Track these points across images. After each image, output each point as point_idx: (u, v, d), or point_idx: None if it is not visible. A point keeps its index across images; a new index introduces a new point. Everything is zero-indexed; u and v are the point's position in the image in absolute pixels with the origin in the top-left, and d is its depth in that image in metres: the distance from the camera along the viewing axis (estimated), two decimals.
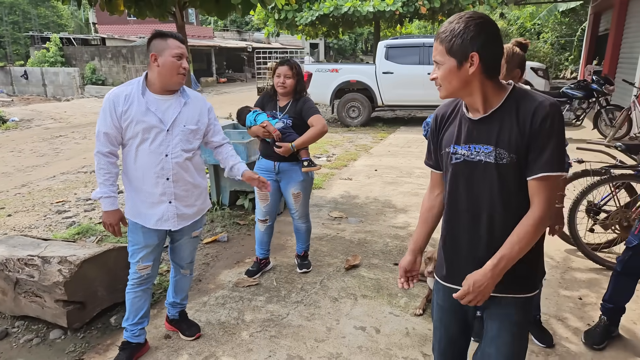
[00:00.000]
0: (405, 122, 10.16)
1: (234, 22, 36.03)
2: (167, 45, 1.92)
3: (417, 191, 4.90)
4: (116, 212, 2.00)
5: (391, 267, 3.18)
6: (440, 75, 1.24)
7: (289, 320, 2.54)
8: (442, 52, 1.22)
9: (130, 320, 2.17)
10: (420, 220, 1.52)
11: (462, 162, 1.31)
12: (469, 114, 1.30)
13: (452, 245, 1.40)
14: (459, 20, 1.20)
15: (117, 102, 1.95)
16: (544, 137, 1.20)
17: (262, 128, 2.69)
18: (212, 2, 3.99)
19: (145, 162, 2.00)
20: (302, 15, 11.54)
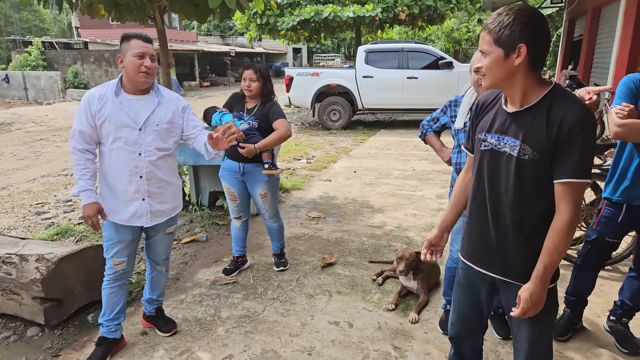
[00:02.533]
0: (385, 125, 10.33)
1: (217, 27, 36.00)
2: (129, 46, 1.99)
3: (394, 192, 5.03)
4: (94, 205, 2.03)
5: (366, 264, 3.29)
6: (485, 65, 1.28)
7: (265, 316, 2.62)
8: (489, 42, 1.26)
9: (106, 316, 2.21)
10: (452, 200, 1.61)
11: (489, 150, 1.37)
12: (506, 106, 1.36)
13: (474, 227, 1.48)
14: (508, 12, 1.23)
15: (91, 102, 2.02)
16: (571, 143, 1.22)
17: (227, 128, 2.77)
18: (191, 6, 4.06)
19: (119, 160, 2.05)
20: (283, 20, 11.67)
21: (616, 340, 2.32)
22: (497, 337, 2.38)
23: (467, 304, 1.60)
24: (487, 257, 1.46)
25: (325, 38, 15.14)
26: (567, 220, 1.27)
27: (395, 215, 4.28)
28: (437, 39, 23.94)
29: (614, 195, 2.12)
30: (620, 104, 1.99)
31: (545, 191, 1.31)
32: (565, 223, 1.27)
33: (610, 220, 2.15)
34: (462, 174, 1.60)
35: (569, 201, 1.27)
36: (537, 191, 1.32)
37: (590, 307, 2.57)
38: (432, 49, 9.33)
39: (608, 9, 9.05)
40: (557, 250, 1.29)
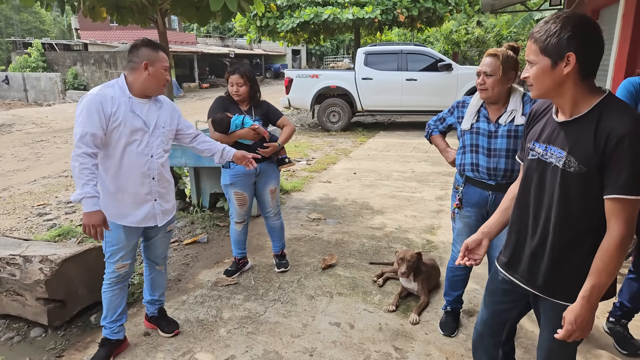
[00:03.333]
0: (384, 126, 10.37)
1: (217, 29, 36.04)
2: (159, 57, 2.06)
3: (394, 193, 5.05)
4: (99, 213, 1.92)
5: (366, 266, 3.31)
6: (532, 75, 1.25)
7: (266, 317, 2.64)
8: (535, 51, 1.22)
9: (108, 318, 2.23)
10: (500, 207, 1.55)
11: (537, 160, 1.34)
12: (556, 116, 1.32)
13: (512, 236, 1.45)
14: (555, 20, 1.20)
15: (104, 103, 1.96)
16: (620, 157, 1.16)
17: (252, 131, 2.80)
18: (192, 9, 4.09)
19: (133, 163, 2.06)
20: (283, 22, 11.70)
21: (615, 342, 2.34)
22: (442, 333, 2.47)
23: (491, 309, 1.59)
24: (521, 268, 1.43)
25: (324, 40, 15.17)
26: (617, 239, 1.20)
27: (395, 217, 4.30)
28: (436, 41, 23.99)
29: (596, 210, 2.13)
30: None
31: (595, 207, 1.25)
32: (616, 241, 1.21)
33: None
34: (515, 183, 1.54)
35: (619, 218, 1.20)
36: (585, 206, 1.26)
37: None
38: (431, 51, 9.37)
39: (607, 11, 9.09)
40: (607, 270, 1.22)
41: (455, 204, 2.30)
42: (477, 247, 1.52)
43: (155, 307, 2.49)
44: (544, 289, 1.38)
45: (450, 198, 2.43)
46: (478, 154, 2.16)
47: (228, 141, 2.86)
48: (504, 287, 1.52)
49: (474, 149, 2.17)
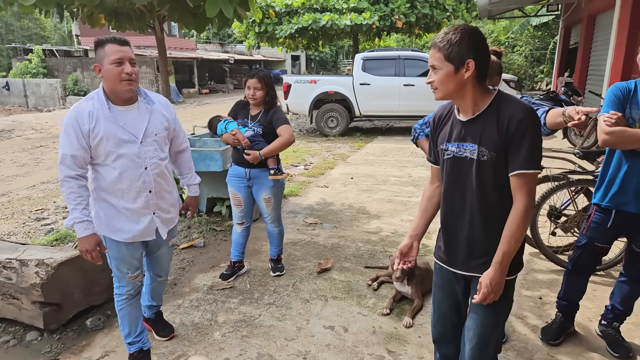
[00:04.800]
0: (382, 132, 10.41)
1: (216, 35, 36.22)
2: (105, 52, 1.81)
3: (390, 198, 5.08)
4: (92, 237, 1.86)
5: (362, 269, 3.32)
6: (437, 79, 1.42)
7: (261, 320, 2.65)
8: (440, 58, 1.40)
9: (133, 334, 2.14)
10: (420, 209, 1.71)
11: (452, 157, 1.50)
12: (460, 116, 1.50)
13: (446, 230, 1.61)
14: (454, 31, 1.39)
15: (81, 121, 1.82)
16: (520, 138, 1.36)
17: (232, 136, 2.84)
18: (189, 15, 4.14)
19: (125, 178, 1.91)
20: (281, 28, 11.79)
21: (607, 345, 2.35)
22: None
23: (446, 303, 1.70)
24: (459, 257, 1.57)
25: (323, 46, 15.27)
26: (522, 209, 1.39)
27: (391, 221, 4.32)
28: None
29: (603, 201, 2.16)
30: (608, 112, 2.04)
31: (507, 187, 1.44)
32: (521, 211, 1.40)
33: (600, 226, 2.19)
34: (429, 184, 1.71)
35: (523, 191, 1.40)
36: (500, 188, 1.44)
37: (583, 312, 2.61)
38: (428, 57, 9.42)
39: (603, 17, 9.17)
40: (515, 237, 1.41)
41: None
42: (410, 250, 1.67)
43: (153, 312, 2.50)
44: (480, 269, 1.51)
45: None
46: None
47: (224, 142, 2.97)
48: (446, 279, 1.66)
49: None
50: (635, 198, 2.06)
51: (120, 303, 2.11)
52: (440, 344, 1.78)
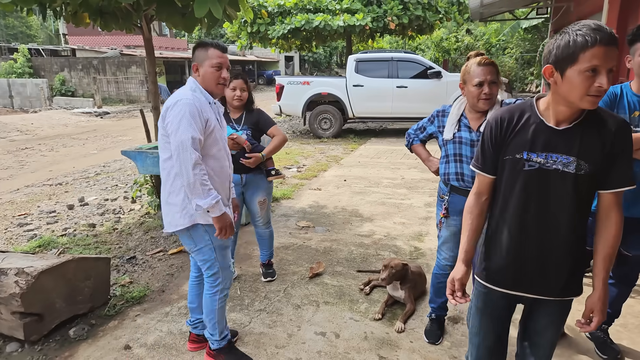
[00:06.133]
0: (376, 133, 10.40)
1: (208, 35, 36.03)
2: (207, 55, 1.96)
3: (383, 201, 5.04)
4: (226, 214, 2.00)
5: (354, 274, 3.27)
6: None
7: (251, 327, 2.59)
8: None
9: (226, 330, 2.25)
10: (472, 229, 1.49)
11: (537, 169, 1.33)
12: (549, 123, 1.33)
13: (512, 249, 1.42)
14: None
15: (200, 109, 1.93)
16: (623, 153, 1.30)
17: (232, 140, 2.75)
18: (178, 15, 4.06)
19: (222, 167, 2.08)
20: (274, 29, 11.72)
21: (596, 347, 2.34)
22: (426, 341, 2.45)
23: (493, 334, 1.55)
24: (529, 281, 1.43)
25: (316, 47, 15.25)
26: (620, 225, 1.35)
27: (384, 224, 4.28)
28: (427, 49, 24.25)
29: (593, 206, 2.14)
30: None
31: (590, 203, 1.37)
32: (620, 228, 1.35)
33: (589, 230, 2.17)
34: (475, 198, 1.50)
35: (619, 207, 1.36)
36: (589, 204, 1.37)
37: (573, 315, 2.57)
38: (421, 59, 9.44)
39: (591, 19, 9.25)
40: (613, 256, 1.37)
41: (442, 213, 2.28)
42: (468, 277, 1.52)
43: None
44: (562, 292, 1.43)
45: (436, 206, 2.42)
46: (462, 163, 2.15)
47: None
48: (502, 303, 1.52)
49: (457, 159, 2.16)
50: (623, 202, 2.04)
51: (220, 301, 2.16)
52: None
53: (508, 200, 1.41)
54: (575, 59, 1.20)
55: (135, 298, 2.89)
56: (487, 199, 1.50)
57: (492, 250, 1.48)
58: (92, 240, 3.90)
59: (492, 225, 1.48)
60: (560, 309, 1.48)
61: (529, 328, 1.54)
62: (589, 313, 1.40)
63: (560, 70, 1.25)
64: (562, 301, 1.46)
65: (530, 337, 1.55)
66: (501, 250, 1.45)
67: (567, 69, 1.23)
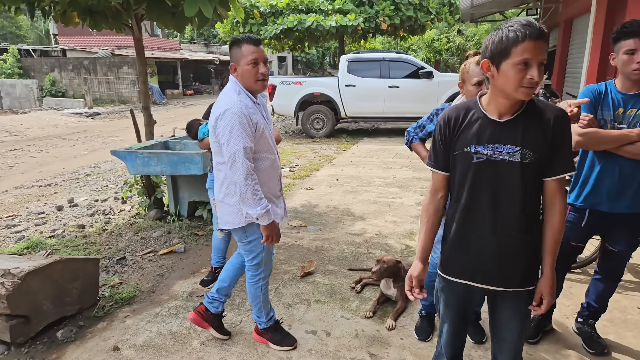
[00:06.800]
0: (368, 133, 10.42)
1: (201, 35, 35.89)
2: (242, 52, 1.94)
3: (375, 199, 5.05)
4: (275, 223, 2.09)
5: (345, 272, 3.28)
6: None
7: (242, 327, 2.58)
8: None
9: (271, 311, 2.39)
10: (428, 226, 1.54)
11: (485, 161, 1.38)
12: (493, 116, 1.38)
13: (469, 242, 1.46)
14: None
15: (249, 114, 1.94)
16: (563, 141, 1.35)
17: None
18: (168, 14, 4.04)
19: (273, 167, 2.13)
20: (266, 29, 11.71)
21: (583, 341, 2.37)
22: (472, 341, 2.40)
23: (459, 321, 1.61)
24: (487, 272, 1.46)
25: (309, 47, 15.26)
26: (564, 211, 1.41)
27: (376, 223, 4.30)
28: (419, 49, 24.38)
29: (577, 201, 2.17)
30: (581, 113, 2.05)
31: (538, 191, 1.41)
32: (563, 213, 1.41)
33: (574, 225, 2.20)
34: (431, 196, 1.54)
35: (562, 193, 1.40)
36: (537, 192, 1.41)
37: (560, 310, 2.63)
38: (412, 59, 9.48)
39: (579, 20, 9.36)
40: (560, 241, 1.42)
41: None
42: (425, 273, 1.58)
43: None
44: (520, 283, 1.45)
45: None
46: None
47: (204, 147, 2.88)
48: (465, 296, 1.56)
49: None
50: (608, 198, 2.07)
51: (263, 287, 2.30)
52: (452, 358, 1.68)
53: (461, 194, 1.45)
54: (508, 53, 1.27)
55: (124, 299, 2.86)
56: (442, 196, 1.54)
57: (450, 243, 1.52)
58: (81, 242, 3.87)
59: (449, 219, 1.52)
60: (522, 300, 1.48)
61: (496, 321, 1.57)
62: (539, 297, 1.44)
63: (496, 65, 1.31)
64: (522, 292, 1.47)
65: (497, 330, 1.57)
66: (458, 243, 1.49)
67: (501, 63, 1.29)
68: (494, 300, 1.54)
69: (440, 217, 1.56)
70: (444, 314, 1.62)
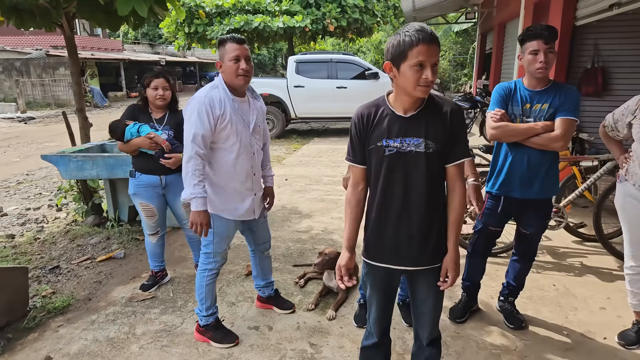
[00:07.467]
0: (319, 133, 10.56)
1: (146, 35, 34.54)
2: (226, 50, 2.08)
3: (322, 197, 5.16)
4: (206, 213, 2.13)
5: (290, 268, 3.34)
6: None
7: (183, 328, 2.57)
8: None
9: (214, 306, 2.43)
10: (352, 217, 1.65)
11: (395, 153, 1.51)
12: (400, 112, 1.52)
13: (385, 229, 1.58)
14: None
15: (213, 106, 2.06)
16: (459, 129, 1.51)
17: (149, 140, 2.70)
18: (101, 13, 3.90)
19: (239, 161, 2.18)
20: (212, 29, 11.52)
21: (504, 318, 2.59)
22: (405, 325, 2.55)
23: (384, 301, 1.72)
24: (402, 254, 1.59)
25: (259, 48, 15.15)
26: (463, 194, 1.57)
27: (322, 220, 4.40)
28: (368, 51, 24.98)
29: (494, 189, 2.38)
30: (494, 109, 2.25)
31: (442, 176, 1.56)
32: (463, 196, 1.57)
33: (492, 211, 2.41)
34: (352, 189, 1.65)
35: (461, 178, 1.56)
36: (441, 179, 1.56)
37: (486, 291, 2.85)
38: (359, 60, 9.73)
39: (511, 24, 10.03)
40: (461, 220, 1.58)
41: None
42: (353, 262, 1.68)
43: (271, 289, 2.73)
44: (430, 261, 1.59)
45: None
46: None
47: (128, 150, 2.78)
48: (387, 279, 1.68)
49: None
50: (520, 185, 2.29)
51: (208, 278, 2.36)
52: (381, 336, 1.78)
53: (377, 184, 1.58)
54: (405, 56, 1.40)
55: (57, 308, 2.75)
56: (362, 188, 1.65)
57: (370, 229, 1.63)
58: (10, 252, 3.64)
59: (369, 208, 1.64)
60: (435, 277, 1.62)
61: (415, 300, 1.71)
62: (444, 272, 1.59)
63: (397, 66, 1.44)
64: (434, 269, 1.61)
65: (417, 307, 1.72)
66: (378, 226, 1.61)
67: (400, 64, 1.42)
68: (412, 280, 1.68)
69: (363, 207, 1.67)
70: (370, 297, 1.74)
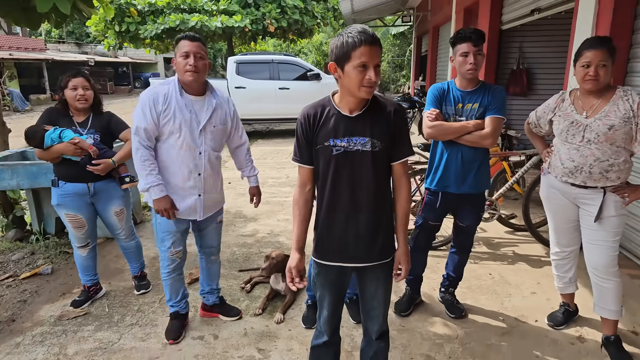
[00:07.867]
0: (263, 135, 10.46)
1: (72, 34, 32.15)
2: (178, 47, 2.12)
3: (268, 200, 5.11)
4: (167, 197, 2.17)
5: (235, 274, 3.28)
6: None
7: (121, 344, 2.43)
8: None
9: (174, 299, 2.47)
10: (300, 218, 1.65)
11: (342, 152, 1.52)
12: (345, 112, 1.53)
13: (335, 227, 1.60)
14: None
15: (156, 101, 2.10)
16: (402, 129, 1.56)
17: (73, 145, 2.52)
18: (19, 10, 3.56)
19: (180, 157, 2.17)
20: (145, 28, 10.99)
21: (446, 308, 2.73)
22: (353, 322, 2.60)
23: (335, 300, 1.73)
24: (352, 252, 1.61)
25: None
26: (409, 190, 1.63)
27: (268, 222, 4.36)
28: (309, 52, 25.18)
29: (432, 185, 2.50)
30: (429, 109, 2.37)
31: (388, 174, 1.60)
32: (409, 191, 1.63)
33: (431, 207, 2.53)
34: (300, 190, 1.66)
35: (407, 175, 1.63)
36: (387, 176, 1.59)
37: (428, 283, 2.98)
38: (300, 61, 9.77)
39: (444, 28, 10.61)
40: (408, 215, 1.66)
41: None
42: (303, 263, 1.70)
43: (216, 296, 2.68)
44: (379, 256, 1.63)
45: None
46: None
47: (49, 157, 2.56)
48: (337, 278, 1.69)
49: None
50: (455, 181, 2.42)
51: (163, 275, 2.43)
52: (331, 334, 1.79)
53: (325, 184, 1.59)
54: (349, 57, 1.42)
55: None
56: (310, 188, 1.66)
57: (320, 228, 1.65)
58: None
59: (318, 208, 1.65)
60: (383, 272, 1.67)
61: (365, 295, 1.75)
62: (397, 265, 1.66)
63: (341, 67, 1.46)
64: (382, 264, 1.65)
65: (367, 302, 1.76)
66: (327, 225, 1.63)
67: (344, 65, 1.45)
68: (362, 276, 1.71)
69: (310, 207, 1.67)
70: (321, 296, 1.74)
